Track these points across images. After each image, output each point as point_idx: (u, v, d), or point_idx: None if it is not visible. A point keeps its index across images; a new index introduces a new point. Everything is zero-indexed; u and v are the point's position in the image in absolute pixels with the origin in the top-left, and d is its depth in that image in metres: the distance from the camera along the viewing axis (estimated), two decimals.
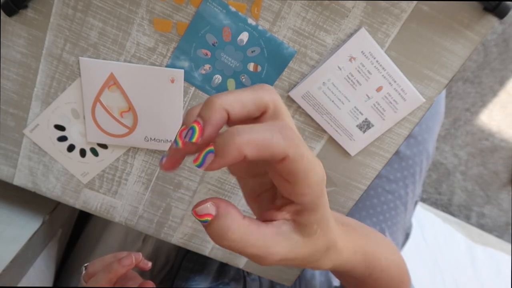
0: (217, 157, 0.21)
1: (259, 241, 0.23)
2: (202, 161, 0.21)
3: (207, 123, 0.21)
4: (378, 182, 0.57)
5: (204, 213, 0.22)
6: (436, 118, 0.64)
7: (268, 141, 0.20)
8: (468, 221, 1.65)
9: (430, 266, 1.06)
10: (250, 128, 0.21)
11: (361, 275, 0.35)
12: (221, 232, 0.22)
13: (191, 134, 0.21)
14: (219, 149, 0.20)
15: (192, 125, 0.21)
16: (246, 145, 0.20)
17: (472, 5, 0.37)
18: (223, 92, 0.22)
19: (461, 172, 1.60)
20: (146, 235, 0.66)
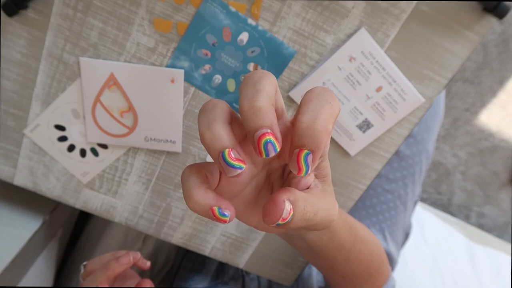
0: (316, 152, 0.21)
1: (325, 203, 0.25)
2: (307, 166, 0.22)
3: (274, 128, 0.21)
4: (378, 181, 0.57)
5: (287, 215, 0.23)
6: (436, 118, 0.64)
7: (334, 112, 0.22)
8: (467, 221, 1.65)
9: (429, 266, 1.07)
10: (315, 111, 0.21)
11: (346, 241, 0.36)
12: (303, 214, 0.23)
13: (272, 146, 0.21)
14: (314, 144, 0.21)
15: (267, 138, 0.21)
16: (327, 124, 0.21)
17: (471, 5, 0.37)
18: (249, 89, 0.22)
19: (460, 172, 1.60)
20: (146, 235, 0.66)
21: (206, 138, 0.22)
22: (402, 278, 0.97)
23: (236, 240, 0.50)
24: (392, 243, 0.59)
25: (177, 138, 0.43)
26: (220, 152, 0.22)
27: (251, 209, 0.28)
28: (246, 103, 0.21)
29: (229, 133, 0.22)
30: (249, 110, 0.21)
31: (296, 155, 0.22)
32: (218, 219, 0.23)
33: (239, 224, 0.49)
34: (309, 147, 0.21)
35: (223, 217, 0.23)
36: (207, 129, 0.22)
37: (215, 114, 0.23)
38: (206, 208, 0.23)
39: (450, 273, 1.07)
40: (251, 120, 0.21)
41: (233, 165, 0.22)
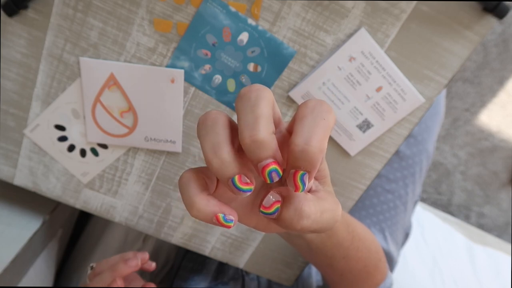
0: (312, 172, 0.22)
1: (330, 204, 0.25)
2: (303, 184, 0.22)
3: (277, 156, 0.22)
4: (378, 181, 0.57)
5: (271, 203, 0.23)
6: (436, 118, 0.64)
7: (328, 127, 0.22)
8: (467, 221, 1.65)
9: (429, 266, 1.07)
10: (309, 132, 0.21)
11: (344, 239, 0.37)
12: (298, 211, 0.23)
13: (276, 174, 0.22)
14: (309, 166, 0.21)
15: (271, 168, 0.22)
16: (321, 144, 0.21)
17: (471, 5, 0.37)
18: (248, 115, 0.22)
19: (460, 172, 1.60)
20: (146, 235, 0.66)
21: (214, 164, 0.22)
22: (402, 278, 0.97)
23: (236, 240, 0.50)
24: (392, 243, 0.59)
25: (177, 138, 0.43)
26: (229, 178, 0.22)
27: (249, 211, 0.28)
28: (247, 135, 0.21)
29: (236, 159, 0.22)
30: (252, 144, 0.21)
31: (293, 175, 0.22)
32: (223, 225, 0.23)
33: (239, 224, 0.49)
34: (304, 169, 0.22)
35: (228, 223, 0.23)
36: (214, 155, 0.22)
37: (219, 135, 0.23)
38: (210, 216, 0.23)
39: (450, 273, 1.07)
40: (254, 153, 0.21)
41: (243, 190, 0.22)
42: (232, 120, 0.24)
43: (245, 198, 0.28)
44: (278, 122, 0.25)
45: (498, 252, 1.22)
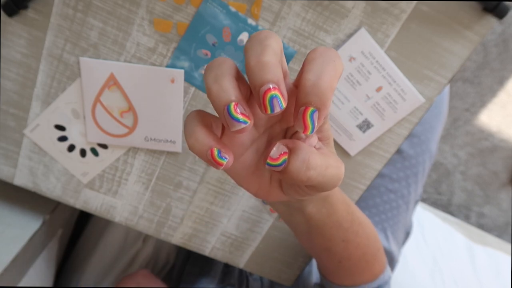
0: (322, 109, 0.21)
1: (335, 161, 0.24)
2: (312, 124, 0.22)
3: (280, 84, 0.21)
4: (381, 181, 0.57)
5: (279, 155, 0.23)
6: (440, 118, 0.64)
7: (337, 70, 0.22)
8: (467, 221, 1.65)
9: (430, 266, 1.07)
10: (320, 69, 0.21)
11: (344, 219, 0.36)
12: (305, 162, 0.22)
13: (277, 102, 0.21)
14: (320, 101, 0.21)
15: (273, 93, 0.21)
16: (332, 81, 0.21)
17: (471, 5, 0.37)
18: (256, 46, 0.22)
19: (460, 172, 1.60)
20: (146, 235, 0.66)
21: (213, 90, 0.22)
22: (402, 278, 0.97)
23: (236, 240, 0.50)
24: (393, 243, 0.59)
25: (177, 138, 0.43)
26: (225, 105, 0.22)
27: (251, 174, 0.27)
28: (253, 58, 0.21)
29: (236, 88, 0.22)
30: (256, 65, 0.21)
31: (302, 112, 0.22)
32: (215, 161, 0.23)
33: (239, 224, 0.49)
34: (315, 104, 0.21)
35: (221, 160, 0.23)
36: (214, 82, 0.22)
37: (223, 69, 0.22)
38: (205, 148, 0.23)
39: (450, 273, 1.07)
40: (257, 75, 0.21)
41: (238, 119, 0.22)
42: (240, 72, 0.24)
43: (248, 159, 0.27)
44: (285, 75, 0.24)
45: (498, 252, 1.22)
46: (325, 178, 0.24)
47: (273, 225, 0.49)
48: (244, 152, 0.27)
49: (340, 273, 0.42)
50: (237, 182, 0.28)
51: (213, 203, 0.47)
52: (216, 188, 0.46)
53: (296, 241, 0.50)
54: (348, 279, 0.42)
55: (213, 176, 0.46)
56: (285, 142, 0.24)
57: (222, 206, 0.47)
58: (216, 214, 0.48)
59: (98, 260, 0.66)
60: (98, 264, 0.66)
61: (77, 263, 0.67)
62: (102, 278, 0.66)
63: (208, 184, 0.46)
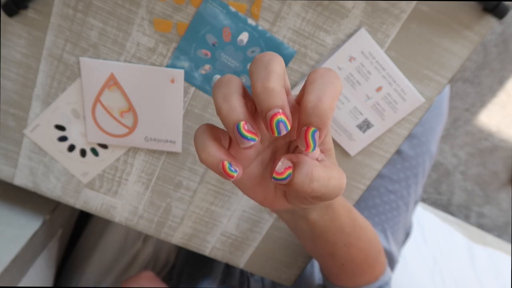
0: (323, 129, 0.23)
1: (337, 173, 0.26)
2: (314, 142, 0.23)
3: (286, 108, 0.23)
4: (381, 182, 0.57)
5: (284, 169, 0.24)
6: (440, 118, 0.64)
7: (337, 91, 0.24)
8: (467, 221, 1.65)
9: (430, 266, 1.07)
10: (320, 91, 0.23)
11: (346, 225, 0.37)
12: (308, 176, 0.24)
13: (283, 125, 0.23)
14: (320, 122, 0.23)
15: (279, 118, 0.23)
16: (332, 103, 0.23)
17: (471, 5, 0.37)
18: (261, 71, 0.23)
19: (460, 172, 1.60)
20: (146, 235, 0.66)
21: (223, 110, 0.23)
22: (402, 278, 0.97)
23: (236, 240, 0.50)
24: (393, 243, 0.59)
25: (177, 138, 0.43)
26: (235, 124, 0.23)
27: (257, 184, 0.29)
28: (260, 84, 0.23)
29: (244, 107, 0.24)
30: (263, 91, 0.22)
31: (304, 132, 0.23)
32: (227, 173, 0.25)
33: (239, 224, 0.49)
34: (316, 125, 0.23)
35: (232, 172, 0.25)
36: (224, 101, 0.24)
37: (232, 88, 0.24)
38: (217, 161, 0.24)
39: (450, 273, 1.07)
40: (264, 100, 0.23)
41: (247, 137, 0.23)
42: (246, 89, 0.26)
43: (254, 171, 0.28)
44: (288, 92, 0.26)
45: (498, 252, 1.22)
46: (327, 189, 0.25)
47: (273, 225, 0.49)
48: (250, 164, 0.28)
49: (342, 276, 0.43)
50: (243, 192, 0.30)
51: (213, 203, 0.47)
52: (216, 188, 0.46)
53: (296, 241, 0.50)
54: (350, 281, 0.43)
55: (213, 176, 0.46)
56: (289, 157, 0.25)
57: (222, 206, 0.47)
58: (216, 214, 0.48)
59: (98, 260, 0.66)
60: (98, 264, 0.66)
61: (77, 263, 0.67)
62: (102, 278, 0.66)
63: (208, 184, 0.46)
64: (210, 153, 0.25)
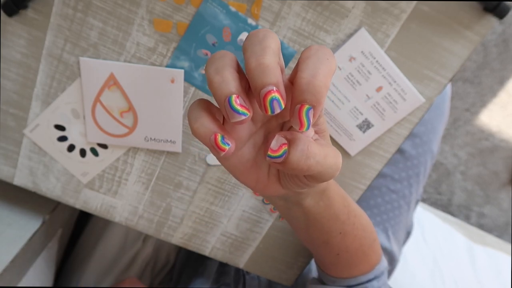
0: (317, 107, 0.22)
1: (333, 151, 0.25)
2: (308, 121, 0.22)
3: (280, 86, 0.22)
4: (383, 181, 0.57)
5: (278, 146, 0.23)
6: (441, 118, 0.64)
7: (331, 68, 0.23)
8: (468, 221, 1.65)
9: (430, 266, 1.07)
10: (314, 67, 0.22)
11: (340, 212, 0.37)
12: (304, 152, 0.23)
13: (277, 103, 0.22)
14: (315, 99, 0.22)
15: (273, 95, 0.22)
16: (326, 79, 0.22)
17: (472, 5, 0.37)
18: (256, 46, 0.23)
19: (461, 172, 1.60)
20: (146, 235, 0.66)
21: (214, 82, 0.23)
22: (402, 278, 0.97)
23: (236, 240, 0.50)
24: (394, 243, 0.59)
25: (177, 138, 0.43)
26: (227, 97, 0.22)
27: (249, 168, 0.28)
28: (254, 60, 0.22)
29: (237, 80, 0.23)
30: (257, 67, 0.22)
31: (298, 110, 0.22)
32: (218, 146, 0.24)
33: (239, 224, 0.49)
34: (310, 102, 0.22)
35: (224, 145, 0.24)
36: (216, 73, 0.23)
37: (225, 61, 0.23)
38: (210, 133, 0.24)
39: (451, 273, 1.07)
40: (258, 77, 0.22)
41: (238, 111, 0.22)
42: (240, 65, 0.25)
43: (246, 154, 0.27)
44: (281, 71, 0.25)
45: (499, 252, 1.22)
46: (324, 167, 0.24)
47: (273, 225, 0.49)
48: (242, 146, 0.27)
49: (338, 266, 0.42)
50: (235, 177, 0.29)
51: (213, 203, 0.47)
52: (216, 188, 0.46)
53: (296, 241, 0.50)
54: (346, 271, 0.43)
55: (213, 176, 0.46)
56: (284, 134, 0.24)
57: (222, 206, 0.47)
58: (216, 214, 0.48)
59: (98, 260, 0.66)
60: (98, 264, 0.66)
61: (77, 263, 0.67)
62: (102, 278, 0.66)
63: (208, 184, 0.46)
64: (203, 123, 0.24)
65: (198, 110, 0.24)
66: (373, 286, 0.42)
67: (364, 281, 0.42)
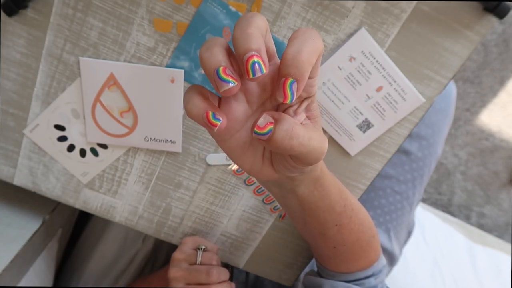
0: (300, 81, 0.24)
1: (319, 135, 0.26)
2: (292, 93, 0.24)
3: (262, 52, 0.23)
4: (388, 183, 0.58)
5: (265, 124, 0.25)
6: (447, 121, 0.64)
7: (317, 47, 0.24)
8: (468, 221, 1.65)
9: (430, 266, 1.06)
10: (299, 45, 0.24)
11: (336, 203, 0.37)
12: (288, 132, 0.24)
13: (258, 67, 0.23)
14: (298, 73, 0.23)
15: (255, 59, 0.23)
16: (310, 56, 0.23)
17: (472, 5, 0.37)
18: (243, 21, 0.24)
19: (461, 172, 1.60)
20: (146, 235, 0.66)
21: (204, 57, 0.24)
22: (403, 278, 0.97)
23: (236, 240, 0.50)
24: (395, 243, 0.59)
25: (177, 138, 0.43)
26: (215, 69, 0.24)
27: (246, 151, 0.29)
28: (239, 30, 0.24)
29: (225, 55, 0.24)
30: (240, 35, 0.23)
31: (282, 83, 0.24)
32: (210, 122, 0.25)
33: (239, 224, 0.49)
34: (294, 76, 0.24)
35: (215, 121, 0.25)
36: (206, 51, 0.24)
37: (216, 41, 0.25)
38: (201, 111, 0.25)
39: (451, 273, 1.07)
40: (241, 44, 0.23)
41: (225, 80, 0.24)
42: (231, 50, 0.26)
43: (242, 137, 0.29)
44: (272, 54, 0.27)
45: (499, 253, 1.22)
46: (307, 149, 0.25)
47: (273, 225, 0.49)
48: (240, 128, 0.29)
49: (335, 259, 0.42)
50: (232, 159, 0.30)
51: (213, 203, 0.47)
52: (216, 188, 0.46)
53: (296, 241, 0.50)
54: (344, 266, 0.43)
55: (213, 176, 0.46)
56: (271, 113, 0.26)
57: (222, 206, 0.47)
58: (216, 214, 0.48)
59: (98, 260, 0.66)
60: (98, 264, 0.66)
61: (77, 263, 0.67)
62: (102, 278, 0.66)
63: (208, 184, 0.46)
64: (195, 103, 0.26)
65: (191, 93, 0.26)
66: (370, 283, 0.42)
67: (362, 277, 0.42)
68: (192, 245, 0.48)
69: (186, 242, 0.48)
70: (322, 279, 0.45)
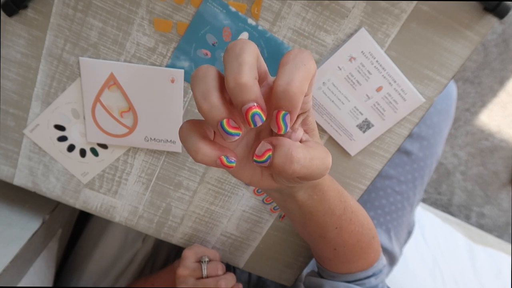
0: (293, 112, 0.24)
1: (320, 152, 0.26)
2: (285, 125, 0.24)
3: (259, 101, 0.23)
4: (389, 183, 0.58)
5: (264, 151, 0.25)
6: (448, 121, 0.64)
7: (308, 73, 0.24)
8: (468, 221, 1.65)
9: (430, 266, 1.06)
10: (290, 74, 0.23)
11: (336, 207, 0.37)
12: (288, 157, 0.24)
13: (258, 117, 0.23)
14: (290, 105, 0.23)
15: (254, 111, 0.23)
16: (301, 86, 0.23)
17: (472, 5, 0.37)
18: (233, 63, 0.24)
19: (461, 172, 1.60)
20: (146, 235, 0.66)
21: (204, 109, 0.24)
22: (403, 277, 0.97)
23: (236, 240, 0.50)
24: (396, 243, 0.59)
25: (177, 138, 0.43)
26: (218, 122, 0.24)
27: (244, 166, 0.29)
28: (231, 79, 0.23)
29: (225, 103, 0.24)
30: (235, 87, 0.23)
31: (275, 116, 0.24)
32: (226, 166, 0.25)
33: (239, 224, 0.49)
34: (286, 108, 0.23)
35: (231, 164, 0.25)
36: (204, 100, 0.24)
37: (209, 84, 0.24)
38: (214, 158, 0.25)
39: (451, 273, 1.07)
40: (238, 96, 0.23)
41: (231, 133, 0.24)
42: (222, 74, 0.26)
43: (239, 153, 0.29)
44: (265, 75, 0.26)
45: (499, 252, 1.22)
46: (310, 170, 0.25)
47: (273, 225, 0.49)
48: (236, 147, 0.29)
49: (336, 261, 0.43)
50: (231, 174, 0.30)
51: (213, 203, 0.47)
52: (216, 188, 0.46)
53: (296, 241, 0.50)
54: (344, 267, 0.43)
55: (213, 176, 0.46)
56: (269, 140, 0.26)
57: (222, 206, 0.47)
58: (216, 214, 0.48)
59: (98, 260, 0.66)
60: (98, 264, 0.66)
61: (77, 263, 0.67)
62: (102, 278, 0.66)
63: (208, 184, 0.46)
64: (206, 154, 0.25)
65: (194, 140, 0.26)
66: (371, 282, 0.42)
67: (362, 278, 0.42)
68: (194, 258, 0.47)
69: (188, 257, 0.47)
70: (323, 279, 0.45)
